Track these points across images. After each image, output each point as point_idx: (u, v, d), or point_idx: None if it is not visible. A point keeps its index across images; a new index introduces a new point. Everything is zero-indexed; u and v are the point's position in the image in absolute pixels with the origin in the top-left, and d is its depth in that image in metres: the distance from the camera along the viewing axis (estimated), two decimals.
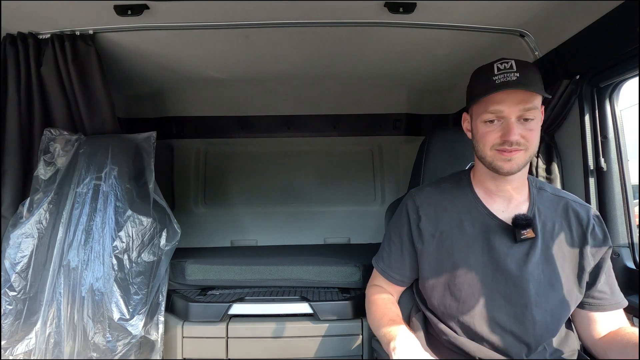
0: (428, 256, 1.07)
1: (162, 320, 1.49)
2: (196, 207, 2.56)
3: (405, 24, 1.45)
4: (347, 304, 1.58)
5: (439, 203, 1.09)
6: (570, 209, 1.03)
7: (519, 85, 0.91)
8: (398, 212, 1.16)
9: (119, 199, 1.45)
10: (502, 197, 1.04)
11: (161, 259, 1.50)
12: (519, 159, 0.95)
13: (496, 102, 0.94)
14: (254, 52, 1.72)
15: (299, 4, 1.31)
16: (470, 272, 1.00)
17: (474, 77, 1.02)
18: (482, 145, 0.98)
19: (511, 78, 0.92)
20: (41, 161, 1.49)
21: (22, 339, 1.33)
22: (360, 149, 2.60)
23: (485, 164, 1.00)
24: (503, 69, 0.94)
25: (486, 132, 0.97)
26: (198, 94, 2.31)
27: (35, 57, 1.50)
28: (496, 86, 0.93)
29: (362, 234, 2.50)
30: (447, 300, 1.03)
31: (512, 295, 0.97)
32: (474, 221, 1.04)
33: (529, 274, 0.96)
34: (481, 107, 0.97)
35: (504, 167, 0.95)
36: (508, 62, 0.94)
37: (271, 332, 1.55)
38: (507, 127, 0.93)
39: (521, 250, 0.99)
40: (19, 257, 1.38)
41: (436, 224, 1.07)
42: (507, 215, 1.02)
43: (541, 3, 1.27)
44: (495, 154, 0.96)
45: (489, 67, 0.97)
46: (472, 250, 1.02)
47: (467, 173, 1.13)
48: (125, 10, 1.31)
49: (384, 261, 1.16)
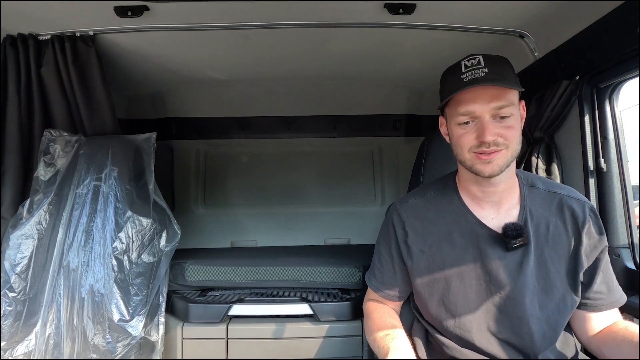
0: (419, 272, 1.01)
1: (162, 322, 1.49)
2: (196, 208, 2.55)
3: (405, 25, 1.45)
4: (347, 304, 1.58)
5: (425, 215, 1.03)
6: (565, 206, 0.97)
7: (488, 81, 0.86)
8: (384, 228, 1.10)
9: (119, 200, 1.45)
10: (490, 203, 0.98)
11: (161, 260, 1.50)
12: (500, 160, 0.89)
13: (467, 102, 0.88)
14: (253, 53, 1.72)
15: (299, 5, 1.31)
16: (463, 285, 0.96)
17: (443, 78, 0.97)
18: (460, 149, 0.92)
19: (479, 74, 0.86)
20: (41, 162, 1.49)
21: (22, 340, 1.32)
22: (360, 149, 2.60)
23: (466, 168, 0.94)
24: (470, 65, 0.89)
25: (461, 134, 0.91)
26: (198, 94, 2.31)
27: (35, 58, 1.50)
28: (464, 84, 0.87)
29: (362, 235, 2.50)
30: (443, 315, 0.98)
31: (506, 306, 0.93)
32: (463, 231, 0.98)
33: (522, 284, 0.92)
34: (453, 109, 0.92)
35: (484, 170, 0.89)
36: (475, 57, 0.89)
37: (271, 333, 1.55)
38: (482, 127, 0.87)
39: (514, 259, 0.93)
40: (19, 258, 1.38)
41: (424, 238, 1.01)
42: (497, 222, 0.96)
43: (541, 4, 1.27)
44: (474, 157, 0.90)
45: (457, 66, 0.92)
46: (464, 262, 0.96)
47: (452, 178, 1.06)
48: (125, 11, 1.31)
49: (377, 278, 1.10)
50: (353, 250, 2.19)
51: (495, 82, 0.86)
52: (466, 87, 0.87)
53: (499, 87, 0.87)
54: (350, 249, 2.33)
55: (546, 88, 1.42)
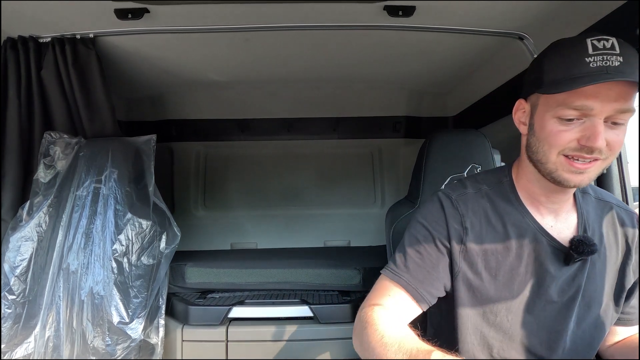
0: (465, 277, 0.85)
1: (162, 324, 1.49)
2: (196, 210, 2.55)
3: (404, 27, 1.45)
4: (347, 306, 1.57)
5: (483, 212, 0.87)
6: (616, 218, 0.87)
7: (622, 74, 0.66)
8: (433, 215, 0.89)
9: (118, 202, 1.45)
10: (549, 209, 0.85)
11: (161, 262, 1.50)
12: (593, 172, 0.74)
13: (586, 96, 0.68)
14: (253, 55, 1.72)
15: (298, 7, 1.31)
16: (511, 296, 0.84)
17: (554, 53, 0.74)
18: (548, 148, 0.75)
19: (613, 63, 0.66)
20: (41, 164, 1.49)
21: (21, 343, 1.32)
22: (360, 151, 2.60)
23: (541, 171, 0.78)
24: (602, 48, 0.68)
25: (558, 131, 0.73)
26: (198, 97, 2.31)
27: (35, 60, 1.50)
28: (592, 74, 0.67)
29: (362, 237, 2.49)
30: (479, 324, 0.86)
31: (549, 321, 0.83)
32: (521, 237, 0.84)
33: (571, 300, 0.82)
34: (559, 98, 0.72)
35: (571, 180, 0.74)
36: (608, 40, 0.68)
37: (271, 336, 1.54)
38: (592, 128, 0.69)
39: (569, 273, 0.83)
40: (19, 261, 1.37)
41: (481, 239, 0.85)
42: (556, 230, 0.84)
43: (540, 5, 1.27)
44: (563, 162, 0.74)
45: (580, 43, 0.70)
46: (517, 272, 0.84)
47: (507, 174, 0.90)
48: (125, 13, 1.31)
49: (410, 272, 0.85)
50: (353, 252, 2.19)
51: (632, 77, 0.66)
52: (596, 81, 0.66)
53: (630, 84, 0.68)
54: (350, 251, 2.32)
55: None
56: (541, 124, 0.76)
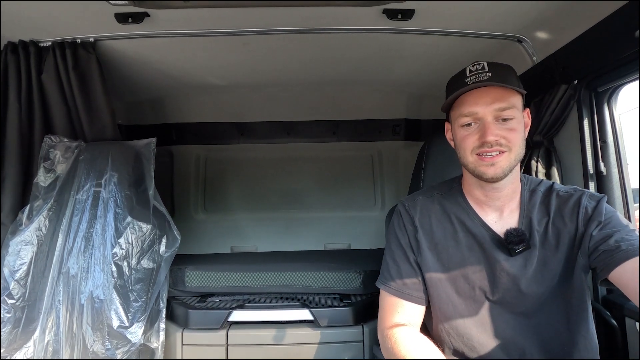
0: (426, 269, 1.01)
1: (162, 328, 1.49)
2: (196, 213, 2.55)
3: (403, 31, 1.46)
4: (347, 310, 1.57)
5: (432, 213, 1.05)
6: (562, 204, 0.97)
7: (490, 82, 0.89)
8: (395, 226, 1.08)
9: (118, 206, 1.45)
10: (492, 207, 1.00)
11: (161, 266, 1.50)
12: (503, 162, 0.90)
13: (470, 104, 0.92)
14: (253, 59, 1.73)
15: (298, 11, 1.32)
16: (468, 286, 0.97)
17: (449, 83, 1.01)
18: (463, 151, 0.95)
19: (482, 77, 0.90)
20: (41, 168, 1.50)
21: (21, 347, 1.32)
22: (360, 154, 2.60)
23: (469, 171, 0.96)
24: (475, 70, 0.93)
25: (464, 136, 0.94)
26: (198, 100, 2.32)
27: (36, 64, 1.51)
28: (467, 86, 0.91)
29: (362, 240, 2.49)
30: (450, 313, 0.99)
31: (514, 307, 0.94)
32: (468, 232, 1.00)
33: (528, 288, 0.93)
34: (457, 112, 0.96)
35: (487, 172, 0.91)
36: (480, 63, 0.93)
37: (271, 339, 1.54)
38: (484, 127, 0.90)
39: (518, 263, 0.94)
40: (18, 265, 1.37)
41: (431, 235, 1.02)
42: (500, 227, 0.98)
43: (539, 8, 1.28)
44: (477, 160, 0.92)
45: (462, 72, 0.96)
46: (470, 263, 0.98)
47: (457, 181, 1.08)
48: (126, 18, 1.31)
49: (395, 280, 1.02)
50: (353, 255, 2.18)
51: (497, 83, 0.89)
52: (470, 89, 0.90)
53: (501, 89, 0.90)
54: (350, 254, 2.32)
55: (545, 92, 1.43)
56: (455, 134, 0.98)
